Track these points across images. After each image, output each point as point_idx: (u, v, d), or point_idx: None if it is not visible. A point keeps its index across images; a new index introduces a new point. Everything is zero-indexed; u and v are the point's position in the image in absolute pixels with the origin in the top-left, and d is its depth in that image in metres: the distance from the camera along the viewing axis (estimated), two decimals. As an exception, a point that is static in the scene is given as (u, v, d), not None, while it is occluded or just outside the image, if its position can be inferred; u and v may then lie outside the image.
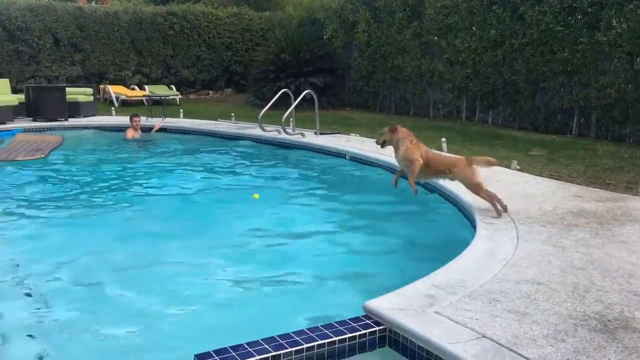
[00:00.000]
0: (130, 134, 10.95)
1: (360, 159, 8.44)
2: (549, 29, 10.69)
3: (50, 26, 16.60)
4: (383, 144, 5.54)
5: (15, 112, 12.15)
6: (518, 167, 7.46)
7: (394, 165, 7.59)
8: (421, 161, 5.24)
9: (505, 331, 2.86)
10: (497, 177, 6.72)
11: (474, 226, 4.91)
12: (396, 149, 5.39)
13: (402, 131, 5.40)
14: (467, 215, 5.44)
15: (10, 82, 13.50)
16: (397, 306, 3.15)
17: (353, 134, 10.67)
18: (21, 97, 12.70)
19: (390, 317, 3.03)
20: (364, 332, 2.99)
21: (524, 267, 3.81)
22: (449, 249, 4.69)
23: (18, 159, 8.42)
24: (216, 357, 2.64)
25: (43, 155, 8.51)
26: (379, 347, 3.03)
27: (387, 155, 8.16)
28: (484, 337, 2.81)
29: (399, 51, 14.38)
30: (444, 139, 9.08)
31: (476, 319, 3.00)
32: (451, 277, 3.63)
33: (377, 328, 3.03)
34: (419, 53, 13.85)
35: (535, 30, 10.93)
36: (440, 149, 8.84)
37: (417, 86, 14.35)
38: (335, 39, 16.18)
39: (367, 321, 3.07)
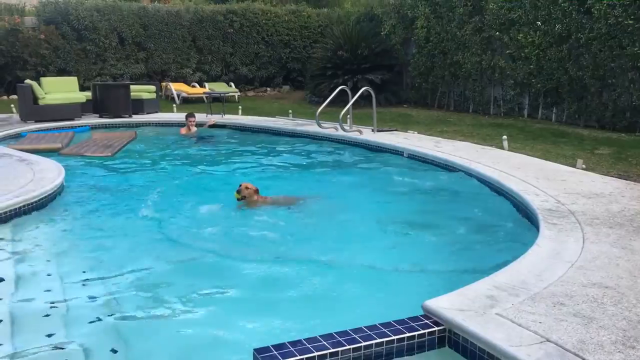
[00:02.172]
0: (184, 131, 11.21)
1: (418, 156, 8.33)
2: (618, 22, 10.23)
3: (115, 25, 17.17)
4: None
5: (83, 108, 12.64)
6: (584, 166, 7.18)
7: (454, 163, 7.50)
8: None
9: (570, 336, 2.76)
10: (563, 177, 6.51)
11: (536, 227, 4.76)
12: None
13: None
14: (529, 216, 5.28)
15: (78, 80, 14.05)
16: (457, 307, 3.09)
17: (411, 131, 10.55)
18: (88, 94, 13.21)
19: (450, 318, 2.97)
20: (422, 332, 2.95)
21: (590, 269, 3.67)
22: (510, 249, 4.58)
23: (87, 154, 8.76)
24: (275, 352, 2.66)
25: (109, 154, 8.82)
26: (438, 348, 2.98)
27: (447, 153, 8.06)
28: (548, 341, 2.72)
29: (458, 47, 14.12)
30: (504, 137, 8.86)
31: (540, 322, 2.91)
32: (513, 278, 3.53)
33: (436, 328, 2.98)
34: (480, 49, 13.54)
35: (604, 24, 10.48)
36: (501, 147, 8.64)
37: (478, 83, 14.05)
38: (393, 35, 16.03)
39: (426, 321, 3.03)
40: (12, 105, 13.57)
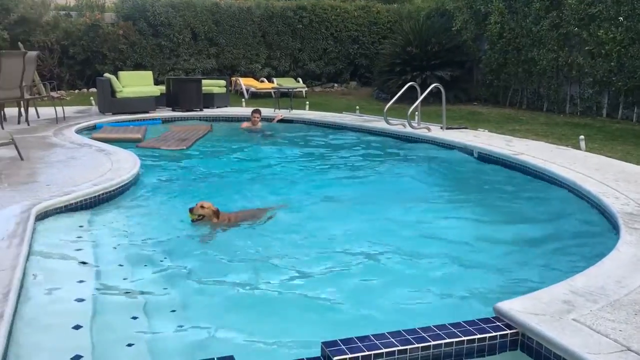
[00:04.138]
0: (245, 125, 11.37)
1: (488, 155, 8.11)
2: None
3: (189, 21, 17.64)
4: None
5: (156, 102, 13.07)
6: (668, 169, 6.80)
7: (526, 163, 7.26)
8: None
9: (654, 347, 2.61)
10: (644, 179, 6.19)
11: (616, 231, 4.53)
12: None
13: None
14: (608, 219, 5.04)
15: (153, 74, 14.53)
16: (531, 310, 2.98)
17: (481, 130, 10.30)
18: (162, 88, 13.65)
19: (523, 321, 2.87)
20: (494, 334, 2.86)
21: (676, 278, 3.46)
22: (587, 254, 4.40)
23: (163, 147, 9.06)
24: (343, 346, 2.64)
25: (184, 147, 9.08)
26: (509, 351, 2.89)
27: (519, 152, 7.82)
28: (629, 350, 2.58)
29: (534, 43, 13.65)
30: (582, 137, 8.50)
31: (620, 330, 2.77)
32: (591, 283, 3.37)
33: (508, 331, 2.88)
34: (557, 45, 13.05)
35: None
36: (578, 147, 8.29)
37: (553, 80, 13.55)
38: (464, 30, 15.68)
39: (498, 323, 2.93)
40: (92, 98, 14.20)
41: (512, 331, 2.89)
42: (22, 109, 10.62)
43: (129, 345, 3.05)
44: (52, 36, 16.32)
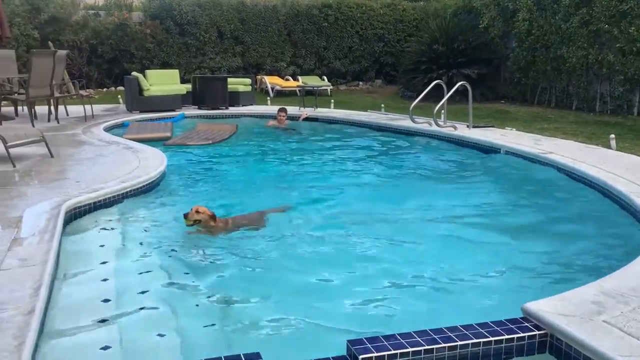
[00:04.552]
0: (271, 123, 11.39)
1: (516, 154, 8.01)
2: None
3: (215, 20, 17.75)
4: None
5: (183, 100, 13.19)
6: (702, 169, 6.63)
7: (555, 162, 7.14)
8: None
9: (689, 350, 2.55)
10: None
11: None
12: None
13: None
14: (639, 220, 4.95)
15: (179, 72, 14.65)
16: (561, 311, 2.93)
17: (508, 128, 10.17)
18: (188, 86, 13.76)
19: (552, 322, 2.83)
20: (522, 335, 2.82)
21: None
22: (618, 254, 4.32)
23: (188, 144, 9.15)
24: (368, 345, 2.64)
25: (210, 142, 9.14)
26: (538, 353, 2.85)
27: (547, 151, 7.71)
28: (662, 353, 2.52)
29: (563, 40, 13.42)
30: (612, 136, 8.34)
31: (653, 333, 2.71)
32: (622, 284, 3.31)
33: (537, 332, 2.84)
34: (587, 42, 12.80)
35: None
36: (608, 147, 8.14)
37: (583, 78, 13.31)
38: (492, 28, 15.49)
39: (527, 324, 2.90)
40: (119, 96, 14.40)
41: (540, 332, 2.86)
42: (52, 107, 10.81)
43: (160, 335, 3.09)
44: (81, 35, 16.57)
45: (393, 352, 2.60)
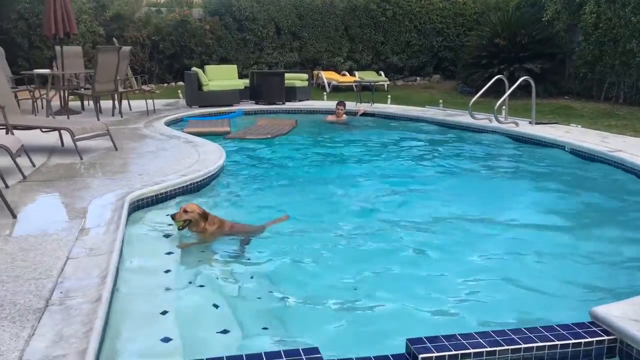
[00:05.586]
0: (330, 118, 11.38)
1: (582, 152, 7.72)
2: None
3: (273, 16, 17.89)
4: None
5: (240, 95, 13.37)
6: None
7: (623, 160, 6.84)
8: None
9: None
10: None
11: None
12: None
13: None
14: None
15: (237, 68, 14.85)
16: (632, 316, 2.80)
17: (573, 125, 9.81)
18: (246, 81, 13.93)
19: (623, 327, 2.70)
20: (590, 339, 2.71)
21: None
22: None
23: (248, 137, 9.27)
24: (428, 344, 2.59)
25: (270, 136, 9.23)
26: (606, 359, 2.73)
27: (616, 149, 7.39)
28: None
29: (632, 34, 12.82)
30: (686, 133, 7.93)
31: None
32: (700, 291, 3.13)
33: (606, 337, 2.72)
34: (658, 35, 12.21)
35: None
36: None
37: (653, 73, 12.70)
38: (556, 21, 14.96)
39: (595, 329, 2.78)
40: (179, 91, 14.72)
41: (609, 337, 2.73)
42: (116, 102, 11.15)
43: (223, 332, 3.12)
44: (143, 32, 17.04)
45: (454, 352, 2.54)
